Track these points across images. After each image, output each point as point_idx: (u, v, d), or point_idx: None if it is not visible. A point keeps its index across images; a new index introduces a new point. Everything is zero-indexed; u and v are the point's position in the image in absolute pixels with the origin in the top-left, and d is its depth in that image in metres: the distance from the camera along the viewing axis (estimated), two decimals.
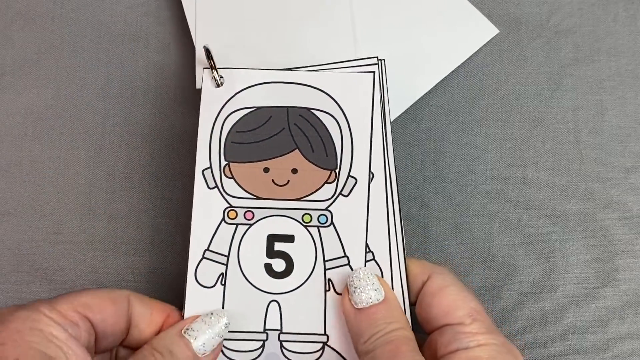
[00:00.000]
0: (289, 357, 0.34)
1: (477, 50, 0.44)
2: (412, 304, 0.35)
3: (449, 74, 0.43)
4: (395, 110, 0.42)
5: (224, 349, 0.34)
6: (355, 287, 0.33)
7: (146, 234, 0.42)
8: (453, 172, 0.42)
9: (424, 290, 0.33)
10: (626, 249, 0.40)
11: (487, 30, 0.44)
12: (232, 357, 0.34)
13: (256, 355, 0.34)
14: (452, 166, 0.42)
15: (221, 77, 0.38)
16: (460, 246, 0.41)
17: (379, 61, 0.38)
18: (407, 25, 0.44)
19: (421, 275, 0.34)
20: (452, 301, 0.32)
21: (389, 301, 0.33)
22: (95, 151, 0.43)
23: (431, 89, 0.43)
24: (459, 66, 0.43)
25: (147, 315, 0.33)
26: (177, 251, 0.41)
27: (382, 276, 0.35)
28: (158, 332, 0.34)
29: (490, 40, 0.44)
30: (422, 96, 0.43)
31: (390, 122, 0.42)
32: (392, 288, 0.34)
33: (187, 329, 0.33)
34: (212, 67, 0.38)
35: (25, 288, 0.41)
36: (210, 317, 0.33)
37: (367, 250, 0.35)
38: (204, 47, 0.38)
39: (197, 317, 0.34)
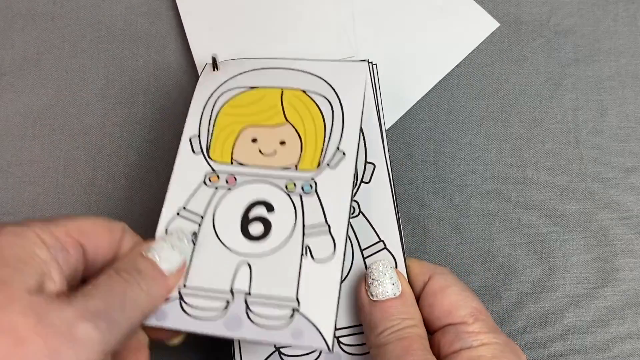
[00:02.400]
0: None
1: (478, 51, 0.44)
2: None
3: (449, 74, 0.43)
4: (400, 108, 0.43)
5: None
6: (373, 279, 0.33)
7: (146, 234, 0.41)
8: (453, 172, 0.42)
9: (426, 291, 0.33)
10: (626, 249, 0.40)
11: (487, 25, 0.44)
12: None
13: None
14: (452, 166, 0.42)
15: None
16: (460, 246, 0.41)
17: (370, 64, 0.38)
18: (408, 23, 0.44)
19: (422, 276, 0.34)
20: (454, 301, 0.32)
21: (405, 296, 0.33)
22: (95, 151, 0.43)
23: (431, 89, 0.43)
24: (459, 66, 0.43)
25: None
26: None
27: (396, 264, 0.35)
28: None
29: (490, 40, 0.44)
30: (422, 96, 0.43)
31: (395, 121, 0.42)
32: None
33: (149, 249, 0.32)
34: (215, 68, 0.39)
35: None
36: (171, 236, 0.33)
37: (378, 239, 0.35)
38: (212, 57, 0.39)
39: (158, 238, 0.33)
